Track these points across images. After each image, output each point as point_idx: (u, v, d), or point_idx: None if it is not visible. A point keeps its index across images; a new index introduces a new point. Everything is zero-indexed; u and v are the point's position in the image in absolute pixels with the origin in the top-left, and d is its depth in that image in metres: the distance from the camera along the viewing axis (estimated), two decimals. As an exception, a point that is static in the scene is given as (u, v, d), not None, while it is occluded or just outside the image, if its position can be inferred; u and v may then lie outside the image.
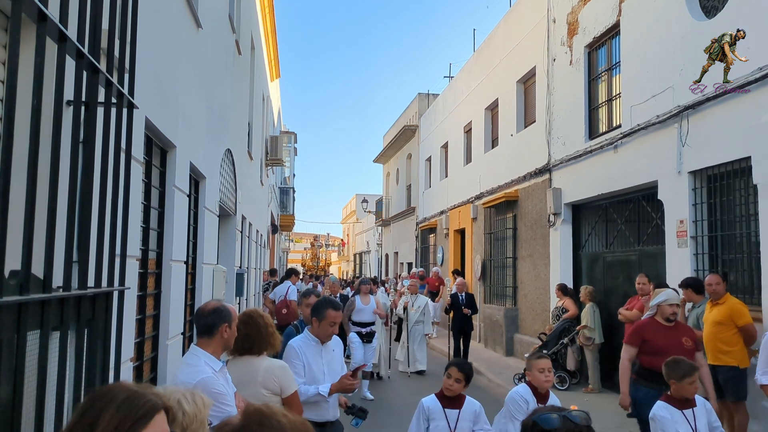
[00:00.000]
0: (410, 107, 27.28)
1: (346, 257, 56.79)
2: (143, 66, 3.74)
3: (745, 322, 6.47)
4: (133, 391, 1.50)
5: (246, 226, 12.72)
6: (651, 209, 9.39)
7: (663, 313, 5.91)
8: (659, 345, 5.59)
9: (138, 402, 1.48)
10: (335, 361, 4.59)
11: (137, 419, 1.45)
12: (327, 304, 4.47)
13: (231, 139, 9.50)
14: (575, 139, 11.32)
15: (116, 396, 1.47)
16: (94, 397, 1.49)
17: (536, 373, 4.37)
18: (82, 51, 2.48)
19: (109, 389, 1.51)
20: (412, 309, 12.54)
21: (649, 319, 6.07)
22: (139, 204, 4.51)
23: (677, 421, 4.36)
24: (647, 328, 5.92)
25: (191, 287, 7.01)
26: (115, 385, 1.57)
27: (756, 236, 7.00)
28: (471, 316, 12.86)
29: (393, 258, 30.53)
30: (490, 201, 15.43)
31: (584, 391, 10.12)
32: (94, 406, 1.45)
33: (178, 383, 2.99)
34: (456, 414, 4.27)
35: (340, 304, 4.59)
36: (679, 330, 5.90)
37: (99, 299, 2.78)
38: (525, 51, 13.97)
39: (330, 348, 4.58)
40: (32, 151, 2.15)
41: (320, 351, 4.49)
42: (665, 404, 4.46)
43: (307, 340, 4.50)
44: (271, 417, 1.53)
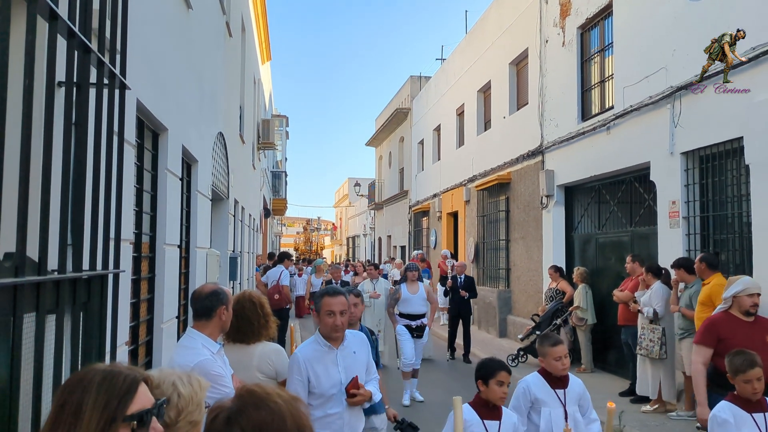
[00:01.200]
0: (402, 90, 27.18)
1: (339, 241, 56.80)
2: (133, 47, 3.70)
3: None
4: (108, 371, 1.49)
5: (239, 210, 12.68)
6: (643, 190, 9.42)
7: (741, 305, 5.01)
8: (738, 344, 4.49)
9: (118, 379, 1.46)
10: (357, 366, 3.74)
11: (122, 396, 1.44)
12: (324, 291, 3.77)
13: (223, 123, 9.44)
14: (568, 121, 11.32)
15: (93, 379, 1.45)
16: (71, 385, 1.47)
17: (552, 362, 3.99)
18: (74, 30, 2.45)
19: (83, 375, 1.49)
20: None
21: (723, 313, 5.15)
22: (132, 187, 4.48)
23: (743, 426, 3.62)
24: (722, 325, 5.01)
25: (185, 271, 7.00)
26: (87, 369, 1.54)
27: (747, 216, 7.04)
28: (469, 300, 12.22)
29: (386, 241, 30.56)
30: (483, 183, 15.44)
31: (577, 371, 10.19)
32: (73, 394, 1.43)
33: (176, 366, 2.99)
34: (497, 426, 3.64)
35: (341, 289, 3.82)
36: (761, 325, 5.02)
37: (94, 282, 2.77)
38: (517, 33, 13.92)
39: (349, 350, 3.74)
40: (25, 133, 2.12)
41: (334, 356, 3.67)
42: (730, 405, 3.73)
43: (316, 345, 3.71)
44: (267, 399, 1.51)
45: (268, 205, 25.11)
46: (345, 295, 3.74)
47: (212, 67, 8.22)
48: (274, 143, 19.61)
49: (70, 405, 1.42)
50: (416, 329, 8.84)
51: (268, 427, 1.45)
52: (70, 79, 2.54)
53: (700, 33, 7.66)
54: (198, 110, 7.07)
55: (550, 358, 4.01)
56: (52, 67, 2.33)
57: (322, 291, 3.78)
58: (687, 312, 7.13)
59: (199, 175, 7.27)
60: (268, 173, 25.05)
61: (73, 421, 1.39)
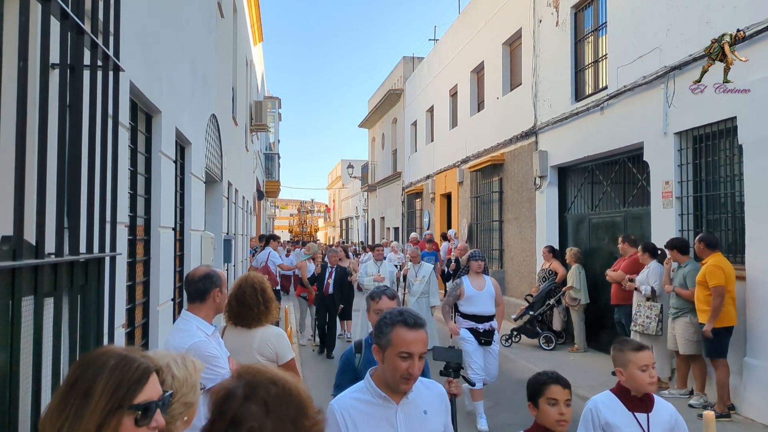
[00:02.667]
0: (395, 71, 27.04)
1: (333, 223, 56.80)
2: (125, 29, 3.66)
3: (714, 284, 6.58)
4: (123, 355, 1.49)
5: (232, 193, 12.65)
6: (637, 171, 9.44)
7: None
8: None
9: (131, 366, 1.47)
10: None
11: (132, 383, 1.45)
12: (392, 318, 2.46)
13: (216, 105, 9.38)
14: (561, 102, 11.31)
15: (106, 362, 1.45)
16: (85, 364, 1.47)
17: (637, 373, 3.02)
18: (67, 11, 2.42)
19: (99, 354, 1.49)
20: (416, 279, 10.75)
21: None
22: (127, 170, 4.47)
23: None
24: None
25: (180, 254, 7.00)
26: (104, 350, 1.54)
27: (740, 196, 7.07)
28: None
29: (379, 223, 30.59)
30: (477, 165, 15.44)
31: (570, 350, 10.30)
32: (86, 373, 1.44)
33: (171, 348, 3.00)
34: None
35: (421, 318, 2.47)
36: None
37: (91, 265, 2.77)
38: (510, 12, 13.84)
39: (416, 407, 2.50)
40: (20, 116, 2.11)
41: (393, 415, 2.45)
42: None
43: (365, 396, 2.49)
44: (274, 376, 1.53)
45: (261, 188, 25.06)
46: (425, 326, 2.47)
47: (204, 48, 8.15)
48: (267, 125, 19.53)
49: (81, 384, 1.42)
50: (483, 334, 6.80)
51: (287, 399, 1.48)
52: (63, 61, 2.52)
53: (694, 13, 7.65)
54: (191, 92, 7.03)
55: (633, 368, 3.02)
56: (46, 49, 2.31)
57: (392, 317, 2.47)
58: (681, 291, 7.20)
59: (193, 158, 7.25)
60: (261, 155, 24.96)
61: (83, 402, 1.40)
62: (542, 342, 10.61)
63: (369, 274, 10.48)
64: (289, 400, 1.48)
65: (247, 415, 1.45)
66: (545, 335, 10.63)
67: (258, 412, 1.45)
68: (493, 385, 7.28)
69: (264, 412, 1.45)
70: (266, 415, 1.45)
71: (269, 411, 1.45)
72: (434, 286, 10.86)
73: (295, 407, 1.48)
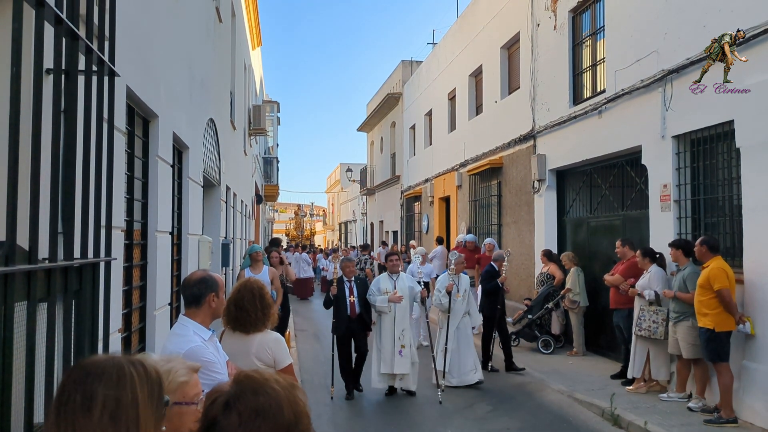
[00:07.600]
0: (393, 75, 27.06)
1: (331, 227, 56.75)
2: (122, 33, 3.66)
3: (719, 287, 6.55)
4: (120, 365, 1.47)
5: (230, 197, 12.64)
6: (635, 174, 9.44)
7: None
8: None
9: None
10: None
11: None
12: None
13: (214, 109, 9.38)
14: (559, 105, 11.31)
15: (107, 370, 1.43)
16: (84, 372, 1.44)
17: None
18: (61, 17, 2.42)
19: (97, 363, 1.47)
20: (458, 295, 8.73)
21: None
22: (123, 175, 4.46)
23: None
24: None
25: (177, 258, 6.99)
26: (101, 358, 1.51)
27: (738, 199, 7.07)
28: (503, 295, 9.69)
29: (378, 227, 30.57)
30: (475, 168, 15.43)
31: (569, 354, 10.28)
32: (85, 382, 1.40)
33: (168, 353, 3.00)
34: None
35: None
36: None
37: (86, 270, 2.76)
38: (509, 16, 13.86)
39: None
40: (13, 121, 2.10)
41: None
42: None
43: None
44: (265, 384, 1.51)
45: (260, 191, 25.05)
46: None
47: (202, 52, 8.15)
48: (266, 129, 19.52)
49: (83, 392, 1.40)
50: None
51: (266, 413, 1.44)
52: (58, 67, 2.51)
53: (692, 17, 7.66)
54: (188, 96, 7.03)
55: None
56: (40, 55, 2.31)
57: None
58: (682, 295, 7.17)
59: (191, 162, 7.25)
60: (259, 159, 24.95)
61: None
62: (541, 346, 10.59)
63: (383, 291, 7.99)
64: (268, 414, 1.44)
65: (222, 424, 1.44)
66: (544, 339, 10.62)
67: (233, 422, 1.44)
68: (492, 389, 7.31)
69: (237, 423, 1.44)
70: (237, 427, 1.43)
71: (241, 423, 1.43)
72: (473, 303, 9.18)
73: (273, 423, 1.45)
